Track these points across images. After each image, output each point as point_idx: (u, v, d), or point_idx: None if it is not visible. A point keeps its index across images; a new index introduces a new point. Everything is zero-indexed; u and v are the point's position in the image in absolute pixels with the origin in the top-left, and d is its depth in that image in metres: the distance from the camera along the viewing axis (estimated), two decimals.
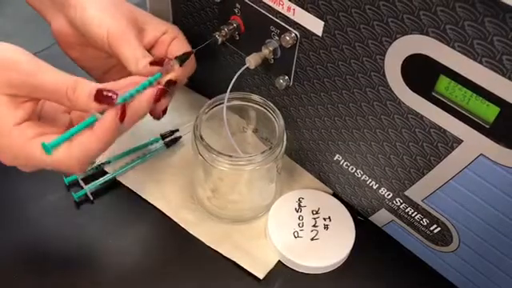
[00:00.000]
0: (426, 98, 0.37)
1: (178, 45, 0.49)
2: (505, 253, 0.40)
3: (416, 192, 0.43)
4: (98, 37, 0.44)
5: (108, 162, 0.53)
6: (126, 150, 0.54)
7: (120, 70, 0.48)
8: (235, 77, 0.45)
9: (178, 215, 0.51)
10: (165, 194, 0.52)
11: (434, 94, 0.36)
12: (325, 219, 0.50)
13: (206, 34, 0.51)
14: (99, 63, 0.51)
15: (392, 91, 0.39)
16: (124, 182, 0.53)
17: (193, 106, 0.60)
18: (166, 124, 0.57)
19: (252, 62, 0.45)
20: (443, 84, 0.35)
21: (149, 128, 0.56)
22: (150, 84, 0.42)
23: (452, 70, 0.34)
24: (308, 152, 0.52)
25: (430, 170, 0.41)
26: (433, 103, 0.37)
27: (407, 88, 0.38)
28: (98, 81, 0.51)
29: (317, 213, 0.50)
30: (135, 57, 0.44)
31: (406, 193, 0.44)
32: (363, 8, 0.36)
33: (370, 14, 0.36)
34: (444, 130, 0.37)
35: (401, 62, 0.37)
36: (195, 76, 0.61)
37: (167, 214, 0.51)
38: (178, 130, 0.57)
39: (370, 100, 0.41)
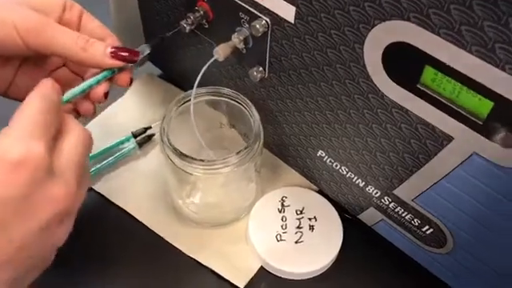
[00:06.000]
0: (410, 91, 0.33)
1: (94, 22, 0.41)
2: (500, 255, 0.37)
3: (405, 191, 0.39)
4: (8, 40, 0.36)
5: None
6: (95, 152, 0.50)
7: (25, 79, 0.41)
8: (202, 70, 0.41)
9: (152, 221, 0.47)
10: (137, 198, 0.49)
11: (419, 86, 0.32)
12: (310, 219, 0.46)
13: (174, 22, 0.47)
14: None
15: (374, 83, 0.35)
16: (93, 187, 0.49)
17: (167, 98, 0.56)
18: (137, 120, 0.54)
19: (221, 54, 0.41)
20: (429, 75, 0.31)
21: (119, 126, 0.53)
22: (98, 82, 0.38)
23: (438, 60, 0.30)
24: (290, 147, 0.48)
25: (418, 169, 0.37)
26: (418, 96, 0.33)
27: (390, 80, 0.33)
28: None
29: (301, 212, 0.47)
30: (77, 43, 0.37)
31: (395, 192, 0.40)
32: None
33: None
34: (432, 126, 0.33)
35: (381, 52, 0.32)
36: (168, 66, 0.57)
37: (140, 219, 0.47)
38: (151, 127, 0.53)
39: (351, 93, 0.37)
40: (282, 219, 0.46)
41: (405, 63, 0.32)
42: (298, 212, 0.47)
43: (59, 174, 0.31)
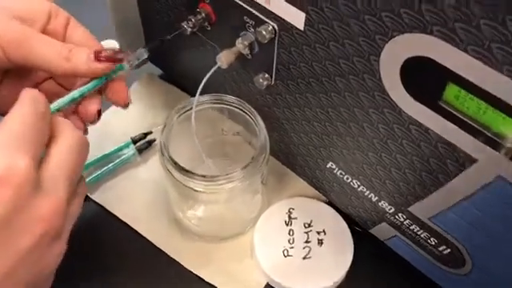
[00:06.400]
0: (431, 108, 0.30)
1: (80, 31, 0.38)
2: None
3: (422, 209, 0.37)
4: None
5: None
6: (92, 159, 0.48)
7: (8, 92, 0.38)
8: (204, 79, 0.39)
9: (153, 233, 0.45)
10: (137, 208, 0.46)
11: (441, 103, 0.29)
12: (318, 233, 0.44)
13: (174, 21, 0.44)
14: None
15: (390, 98, 0.32)
16: (91, 196, 0.47)
17: (168, 101, 0.53)
18: (137, 124, 0.51)
19: (224, 61, 0.38)
20: (452, 93, 0.28)
21: (117, 131, 0.50)
22: (89, 91, 0.36)
23: (463, 78, 0.27)
24: (298, 156, 0.45)
25: (437, 188, 0.34)
26: (440, 114, 0.30)
27: (408, 96, 0.31)
28: None
29: (309, 226, 0.44)
30: (60, 54, 0.34)
31: (410, 209, 0.38)
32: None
33: (360, 6, 0.29)
34: (454, 145, 0.30)
35: (400, 65, 0.30)
36: (169, 67, 0.54)
37: (140, 231, 0.45)
38: (151, 133, 0.50)
39: (364, 106, 0.34)
40: (289, 233, 0.44)
41: (425, 79, 0.29)
42: (306, 225, 0.44)
43: (47, 188, 0.28)
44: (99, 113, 0.37)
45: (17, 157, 0.27)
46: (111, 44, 0.58)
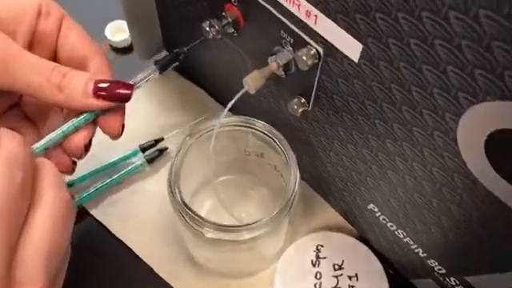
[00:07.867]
0: None
1: (75, 33, 0.31)
2: None
3: (482, 283, 0.30)
4: None
5: (71, 185, 0.41)
6: (94, 168, 0.42)
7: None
8: (230, 104, 0.31)
9: (160, 263, 0.39)
10: (144, 231, 0.40)
11: None
12: (350, 278, 0.38)
13: (196, 20, 0.37)
14: None
15: (464, 165, 0.25)
16: (91, 212, 0.41)
17: (184, 101, 0.46)
18: (146, 129, 0.44)
19: (251, 86, 0.31)
20: None
21: (124, 136, 0.43)
22: (76, 128, 0.29)
23: None
24: (331, 186, 0.38)
25: (509, 270, 0.27)
26: None
27: (493, 170, 0.23)
28: None
29: (340, 268, 0.38)
30: (50, 81, 0.27)
31: (468, 279, 0.31)
32: (431, 43, 0.21)
33: (443, 54, 0.21)
34: None
35: (487, 134, 0.22)
36: (186, 61, 0.47)
37: (145, 260, 0.39)
38: (162, 139, 0.43)
39: (427, 164, 0.27)
40: (316, 276, 0.38)
41: None
42: (337, 267, 0.38)
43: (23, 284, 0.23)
44: (87, 147, 0.30)
45: None
46: (119, 26, 0.50)
